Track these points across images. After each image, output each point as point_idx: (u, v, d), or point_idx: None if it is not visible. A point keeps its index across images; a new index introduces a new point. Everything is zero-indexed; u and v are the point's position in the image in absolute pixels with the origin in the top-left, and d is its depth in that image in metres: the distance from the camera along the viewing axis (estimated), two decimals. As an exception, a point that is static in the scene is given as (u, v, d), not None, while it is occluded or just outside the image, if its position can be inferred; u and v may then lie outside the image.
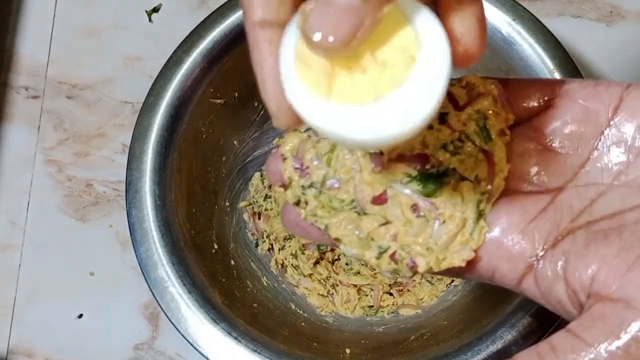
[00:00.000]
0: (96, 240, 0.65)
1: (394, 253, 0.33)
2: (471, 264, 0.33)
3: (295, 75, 0.27)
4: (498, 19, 0.57)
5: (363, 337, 0.61)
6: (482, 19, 0.28)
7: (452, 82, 0.35)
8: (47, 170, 0.67)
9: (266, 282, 0.63)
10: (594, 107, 0.32)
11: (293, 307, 0.63)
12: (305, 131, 0.36)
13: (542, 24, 0.57)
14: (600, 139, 0.32)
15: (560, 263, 0.30)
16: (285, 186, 0.36)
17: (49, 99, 0.68)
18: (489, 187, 0.33)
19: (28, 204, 0.66)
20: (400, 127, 0.27)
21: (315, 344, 0.58)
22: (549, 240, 0.31)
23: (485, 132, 0.34)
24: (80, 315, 0.64)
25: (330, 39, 0.25)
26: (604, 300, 0.28)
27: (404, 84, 0.27)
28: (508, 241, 0.32)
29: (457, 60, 0.28)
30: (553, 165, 0.33)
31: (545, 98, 0.33)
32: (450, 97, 0.34)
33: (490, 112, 0.34)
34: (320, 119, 0.27)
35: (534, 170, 0.33)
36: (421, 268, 0.33)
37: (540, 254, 0.31)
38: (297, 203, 0.36)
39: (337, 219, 0.34)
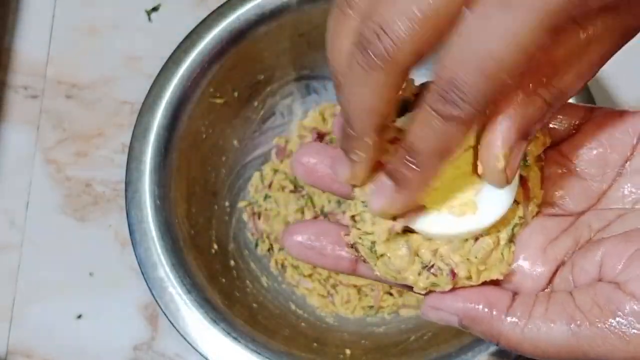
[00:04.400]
0: (95, 240, 0.65)
1: (432, 266, 0.33)
2: (502, 281, 0.33)
3: None
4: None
5: (363, 337, 0.61)
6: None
7: None
8: (47, 170, 0.67)
9: (266, 283, 0.63)
10: (619, 135, 0.33)
11: (293, 307, 0.62)
12: None
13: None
14: (624, 167, 0.33)
15: (570, 272, 0.32)
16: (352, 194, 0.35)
17: (48, 98, 0.68)
18: (524, 211, 0.33)
19: (27, 204, 0.66)
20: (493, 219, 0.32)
21: (315, 344, 0.58)
22: (567, 256, 0.33)
23: (523, 156, 0.33)
24: (80, 316, 0.64)
25: (390, 211, 0.32)
26: (604, 281, 0.30)
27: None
28: (531, 258, 0.33)
29: None
30: (578, 190, 0.34)
31: (575, 123, 0.34)
32: None
33: None
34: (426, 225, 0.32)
35: (559, 194, 0.34)
36: (462, 274, 0.32)
37: (557, 269, 0.33)
38: (353, 217, 0.34)
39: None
